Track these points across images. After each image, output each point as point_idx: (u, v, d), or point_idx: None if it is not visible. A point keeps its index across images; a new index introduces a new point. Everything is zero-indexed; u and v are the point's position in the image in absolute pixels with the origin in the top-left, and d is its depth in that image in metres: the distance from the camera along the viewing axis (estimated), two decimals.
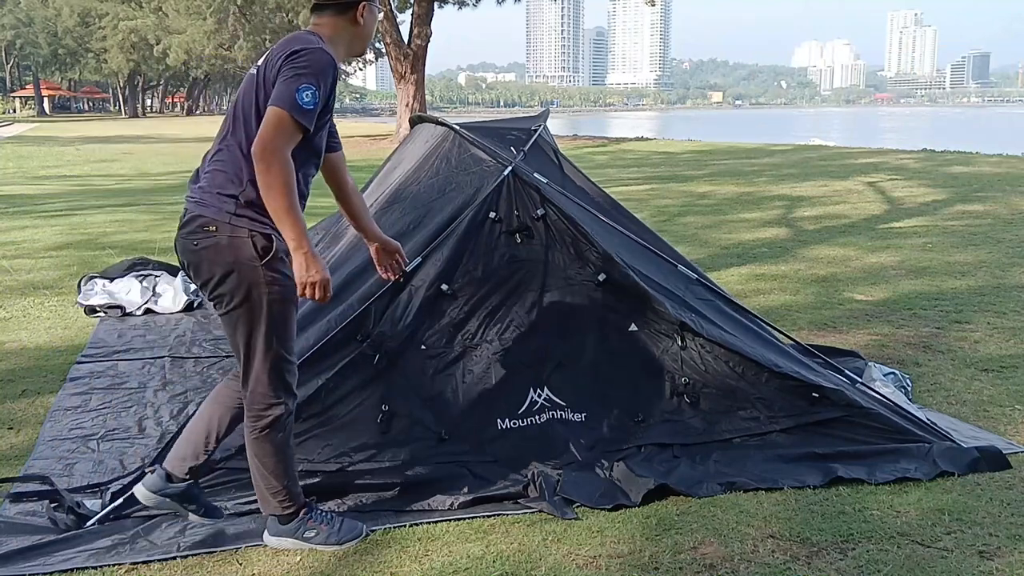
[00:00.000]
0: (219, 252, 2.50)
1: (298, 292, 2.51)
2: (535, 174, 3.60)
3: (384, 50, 28.14)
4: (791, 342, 3.92)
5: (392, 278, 3.14)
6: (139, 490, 2.73)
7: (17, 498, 3.04)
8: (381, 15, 3.01)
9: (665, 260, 3.77)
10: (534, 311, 3.45)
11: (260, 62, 2.61)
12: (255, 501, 2.96)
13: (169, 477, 2.73)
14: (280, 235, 2.51)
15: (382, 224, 3.93)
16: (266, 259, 2.51)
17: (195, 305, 5.89)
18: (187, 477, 2.74)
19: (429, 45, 26.36)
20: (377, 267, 3.10)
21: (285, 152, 2.43)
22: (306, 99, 2.42)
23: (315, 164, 2.69)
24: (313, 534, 2.73)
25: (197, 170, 2.66)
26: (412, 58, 25.90)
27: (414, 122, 5.07)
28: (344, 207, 3.01)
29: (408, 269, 3.36)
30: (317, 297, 2.51)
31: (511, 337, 3.42)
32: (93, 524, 2.85)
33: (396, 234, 3.69)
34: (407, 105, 26.03)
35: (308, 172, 2.66)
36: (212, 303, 2.64)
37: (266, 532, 2.76)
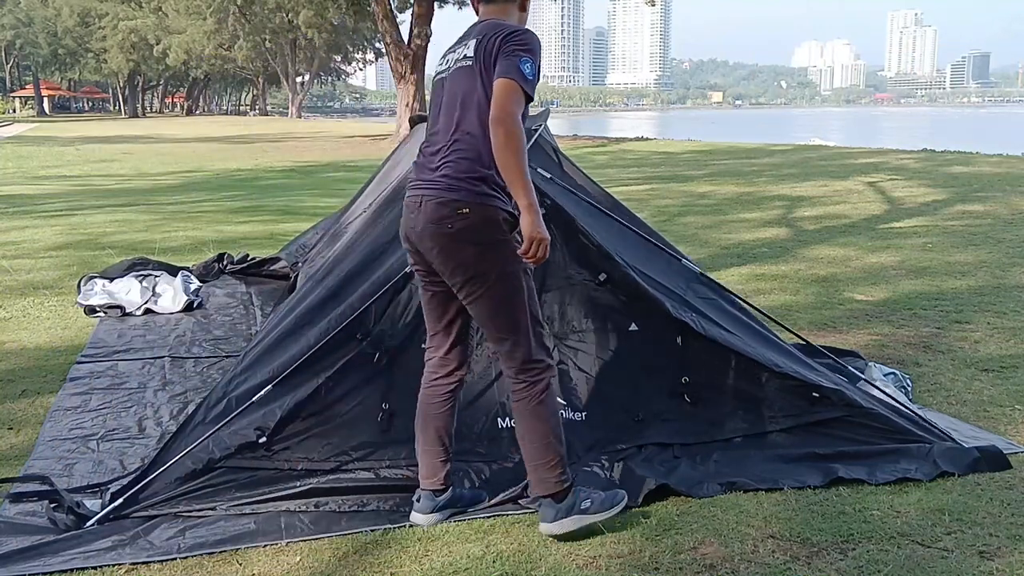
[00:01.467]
0: (475, 232, 2.65)
1: (523, 249, 2.61)
2: (538, 171, 3.59)
3: (384, 50, 28.15)
4: (796, 340, 3.92)
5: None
6: (417, 518, 2.88)
7: (17, 498, 3.04)
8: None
9: (668, 254, 3.76)
10: None
11: (469, 53, 2.72)
12: (255, 501, 2.97)
13: (435, 493, 2.90)
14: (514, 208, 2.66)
15: (382, 222, 3.94)
16: (512, 232, 2.69)
17: (195, 305, 5.89)
18: (448, 484, 2.93)
19: (429, 45, 26.37)
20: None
21: (519, 117, 2.59)
22: (528, 71, 2.60)
23: None
24: (588, 504, 2.79)
25: (417, 164, 2.83)
26: (412, 58, 25.91)
27: (414, 122, 5.07)
28: None
29: (409, 269, 3.36)
30: (539, 255, 2.61)
31: None
32: (93, 524, 2.85)
33: (395, 233, 3.69)
34: (407, 105, 26.04)
35: None
36: (461, 287, 2.72)
37: (543, 524, 2.78)
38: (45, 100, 78.27)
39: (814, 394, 3.38)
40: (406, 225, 2.77)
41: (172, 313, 5.78)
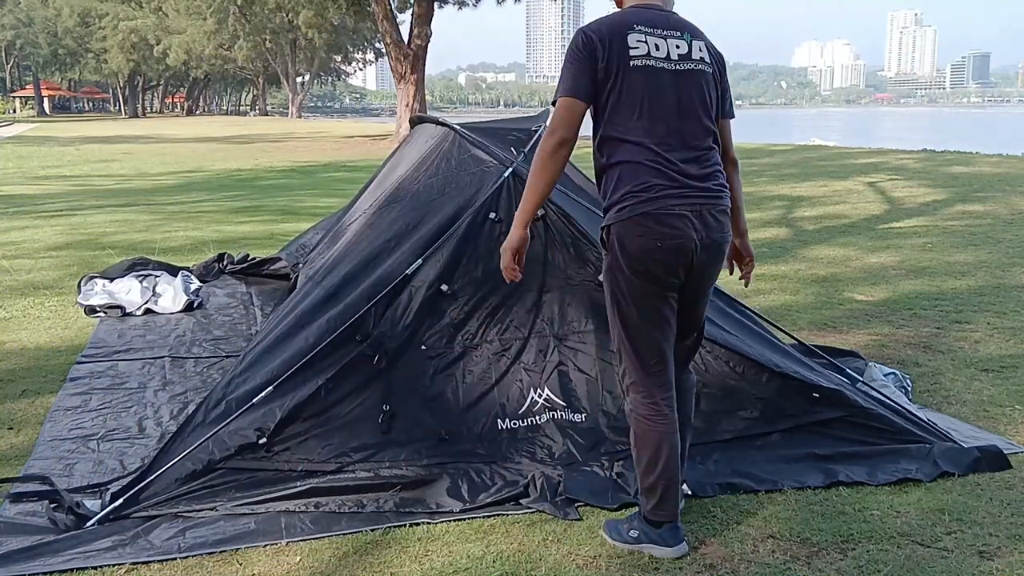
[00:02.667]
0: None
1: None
2: None
3: (384, 50, 28.15)
4: (793, 341, 3.92)
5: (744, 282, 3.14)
6: (670, 552, 2.67)
7: (17, 498, 3.04)
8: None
9: None
10: (534, 311, 3.45)
11: (704, 56, 2.63)
12: (255, 502, 2.97)
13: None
14: None
15: (382, 223, 3.94)
16: None
17: (195, 305, 5.89)
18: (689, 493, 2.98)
19: (429, 45, 26.38)
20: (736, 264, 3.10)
21: None
22: None
23: None
24: (636, 535, 2.75)
25: (665, 168, 2.55)
26: (412, 58, 25.91)
27: (414, 122, 5.07)
28: None
29: (409, 271, 3.37)
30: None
31: (511, 337, 3.42)
32: (93, 524, 2.85)
33: (396, 233, 3.70)
34: (407, 105, 26.04)
35: None
36: (704, 296, 2.73)
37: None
38: (45, 100, 78.27)
39: (814, 394, 3.38)
40: (677, 236, 2.52)
41: (172, 313, 5.78)
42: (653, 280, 2.57)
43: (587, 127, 2.68)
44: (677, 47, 2.58)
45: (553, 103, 2.58)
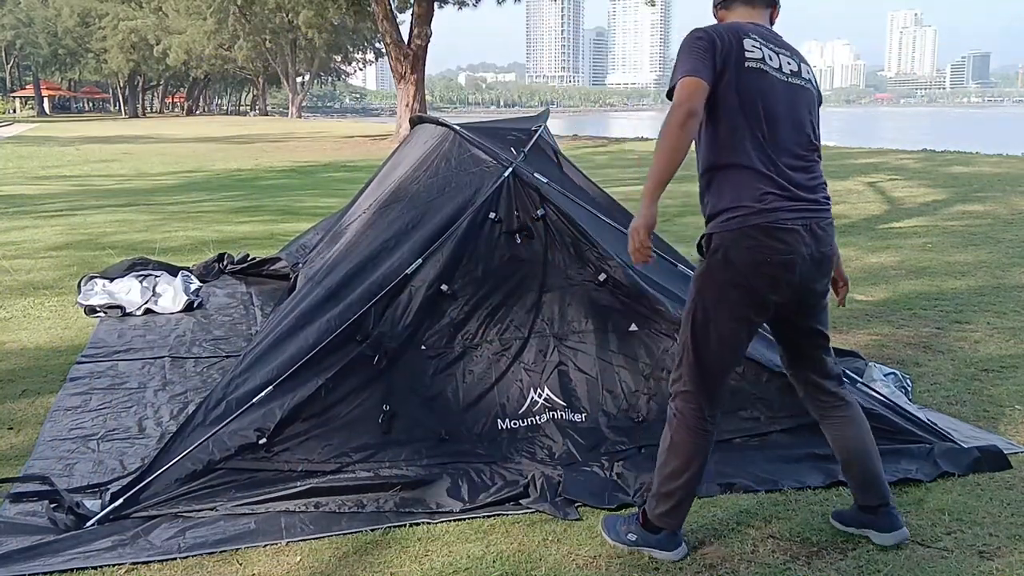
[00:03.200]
0: None
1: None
2: (535, 174, 3.60)
3: (384, 50, 28.15)
4: None
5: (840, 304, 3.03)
6: (670, 555, 2.66)
7: (17, 498, 3.04)
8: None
9: (665, 259, 3.77)
10: (534, 311, 3.45)
11: (809, 77, 2.62)
12: (255, 502, 2.97)
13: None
14: None
15: (382, 223, 3.94)
16: None
17: (195, 305, 5.89)
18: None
19: (429, 45, 26.37)
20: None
21: None
22: None
23: None
24: (635, 538, 2.73)
25: (777, 178, 2.49)
26: (412, 58, 25.91)
27: (414, 122, 5.07)
28: None
29: (409, 271, 3.37)
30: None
31: (511, 337, 3.42)
32: (93, 524, 2.85)
33: (395, 233, 3.70)
34: (407, 105, 26.04)
35: None
36: (817, 305, 2.65)
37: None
38: (45, 100, 78.26)
39: None
40: (787, 252, 2.46)
41: (172, 313, 5.78)
42: (750, 295, 2.49)
43: (585, 127, 2.66)
44: (788, 63, 2.58)
45: (669, 94, 2.47)
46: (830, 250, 2.59)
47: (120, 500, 2.92)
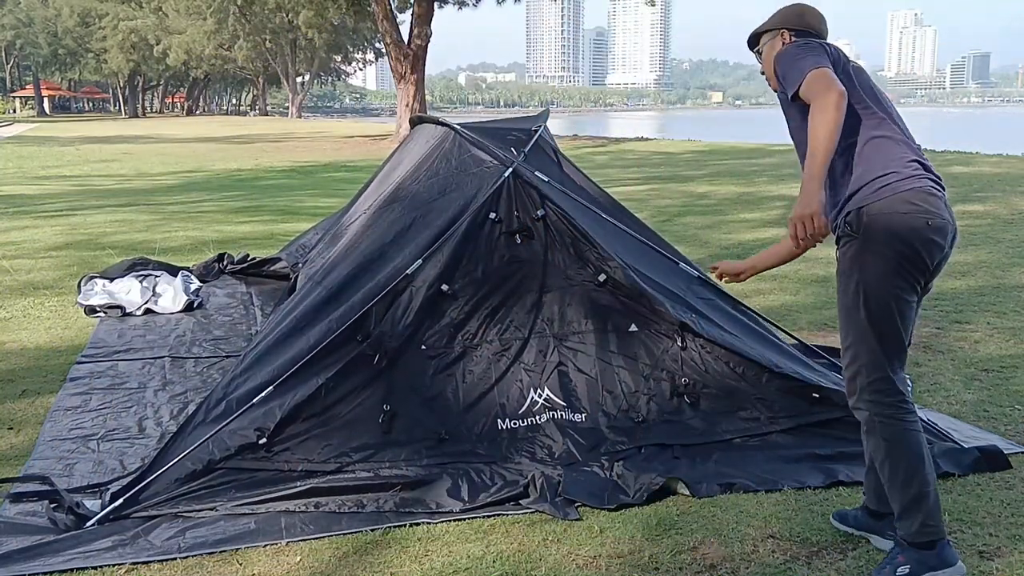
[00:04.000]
0: None
1: None
2: (535, 174, 3.60)
3: (384, 50, 28.16)
4: (794, 341, 3.92)
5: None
6: (953, 571, 2.45)
7: (17, 498, 3.04)
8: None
9: (666, 258, 3.77)
10: (534, 311, 3.45)
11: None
12: (255, 502, 2.97)
13: None
14: None
15: (382, 224, 3.95)
16: None
17: (195, 305, 5.89)
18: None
19: (429, 45, 26.37)
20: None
21: None
22: None
23: None
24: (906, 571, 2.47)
25: (916, 154, 2.52)
26: (412, 58, 25.91)
27: (414, 122, 5.07)
28: None
29: (409, 271, 3.37)
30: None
31: (511, 337, 3.42)
32: (93, 524, 2.85)
33: (396, 233, 3.70)
34: (407, 105, 26.03)
35: None
36: (931, 285, 2.54)
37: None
38: (45, 100, 78.25)
39: (814, 395, 3.38)
40: (941, 217, 2.44)
41: (172, 313, 5.78)
42: (913, 264, 2.39)
43: (585, 127, 2.65)
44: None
45: (794, 96, 2.46)
46: (956, 227, 2.53)
47: (120, 500, 2.92)
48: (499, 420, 3.31)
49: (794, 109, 2.57)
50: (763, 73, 2.83)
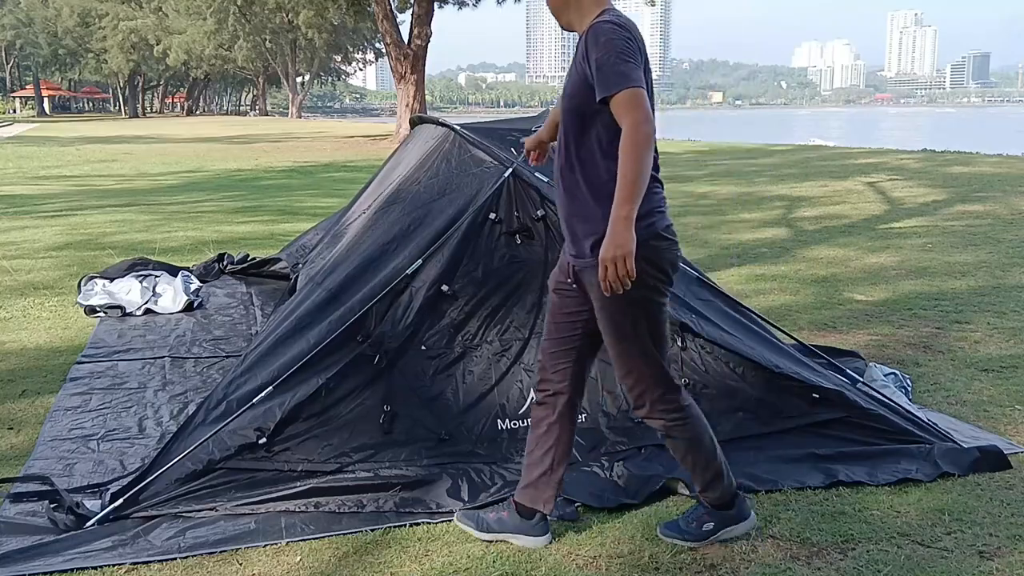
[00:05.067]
0: None
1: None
2: (535, 175, 3.59)
3: (384, 50, 28.15)
4: (793, 342, 3.92)
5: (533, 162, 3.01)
6: (751, 523, 2.79)
7: (17, 498, 3.04)
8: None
9: None
10: (534, 312, 3.45)
11: None
12: (255, 502, 2.97)
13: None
14: None
15: (383, 224, 3.94)
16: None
17: (195, 305, 5.89)
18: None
19: (429, 45, 26.36)
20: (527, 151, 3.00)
21: None
22: None
23: None
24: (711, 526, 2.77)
25: None
26: (412, 58, 25.89)
27: (414, 123, 5.07)
28: None
29: (409, 271, 3.37)
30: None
31: (511, 338, 3.42)
32: (93, 524, 2.85)
33: (396, 234, 3.70)
34: (407, 105, 26.02)
35: None
36: None
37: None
38: (45, 100, 78.25)
39: (814, 395, 3.38)
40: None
41: (172, 313, 5.78)
42: (669, 283, 2.59)
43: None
44: None
45: (608, 98, 2.37)
46: None
47: (120, 500, 2.92)
48: (499, 420, 3.31)
49: (587, 100, 2.46)
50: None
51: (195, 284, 6.21)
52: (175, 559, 2.68)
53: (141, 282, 6.04)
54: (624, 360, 2.62)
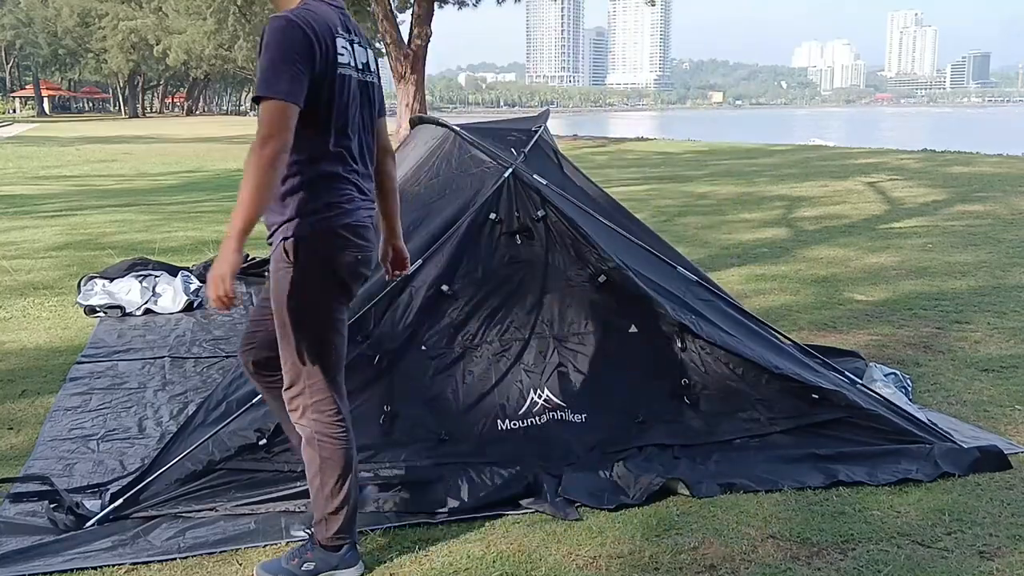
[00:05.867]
0: None
1: None
2: (535, 175, 3.60)
3: (384, 50, 28.14)
4: (790, 343, 3.92)
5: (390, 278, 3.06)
6: (353, 572, 2.62)
7: (17, 498, 3.04)
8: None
9: (665, 262, 3.77)
10: (534, 312, 3.45)
11: (374, 68, 2.61)
12: (255, 502, 2.97)
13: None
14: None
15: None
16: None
17: (195, 305, 5.89)
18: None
19: (429, 45, 26.36)
20: (384, 264, 2.97)
21: None
22: None
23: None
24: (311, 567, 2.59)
25: (368, 188, 2.63)
26: (412, 58, 25.86)
27: (414, 123, 5.07)
28: None
29: (409, 271, 3.36)
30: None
31: (511, 338, 3.42)
32: (93, 524, 2.85)
33: None
34: (407, 105, 25.99)
35: None
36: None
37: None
38: (45, 100, 78.23)
39: (814, 395, 3.38)
40: (368, 249, 2.56)
41: (172, 313, 5.78)
42: (344, 290, 2.51)
43: (585, 127, 2.64)
44: (360, 55, 2.50)
45: (256, 100, 2.29)
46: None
47: (120, 500, 2.92)
48: (499, 421, 3.31)
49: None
50: None
51: (195, 284, 6.21)
52: (175, 559, 2.68)
53: (141, 282, 6.04)
54: (285, 360, 2.51)
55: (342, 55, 2.39)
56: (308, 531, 2.67)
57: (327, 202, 2.43)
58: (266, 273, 3.04)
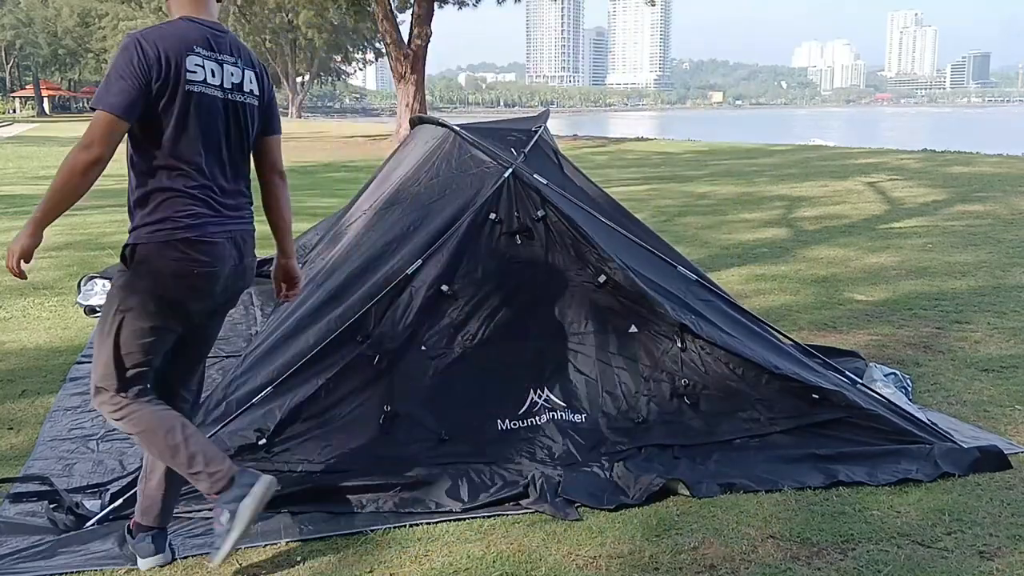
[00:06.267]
0: None
1: None
2: (535, 175, 3.60)
3: (384, 50, 28.15)
4: (791, 343, 3.92)
5: (282, 300, 3.12)
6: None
7: (17, 498, 3.04)
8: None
9: (665, 262, 3.77)
10: (534, 312, 3.45)
11: (255, 90, 2.70)
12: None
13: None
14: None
15: (383, 225, 3.94)
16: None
17: None
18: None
19: (429, 45, 26.36)
20: (275, 283, 3.07)
21: None
22: None
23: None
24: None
25: (228, 204, 2.67)
26: (412, 58, 25.90)
27: (414, 123, 5.07)
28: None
29: (409, 271, 3.37)
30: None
31: (511, 338, 3.41)
32: (93, 524, 2.85)
33: (396, 235, 3.70)
34: (407, 105, 26.03)
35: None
36: (225, 311, 2.81)
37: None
38: (45, 100, 78.17)
39: (814, 395, 3.38)
40: (212, 264, 2.56)
41: None
42: (172, 306, 2.52)
43: (585, 128, 2.65)
44: (232, 75, 2.56)
45: (92, 108, 2.40)
46: (252, 260, 2.74)
47: (120, 500, 2.92)
48: (499, 421, 3.31)
49: None
50: None
51: None
52: (175, 559, 2.68)
53: None
54: (95, 349, 2.57)
55: (194, 73, 2.44)
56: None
57: (163, 216, 2.49)
58: (267, 273, 3.06)
